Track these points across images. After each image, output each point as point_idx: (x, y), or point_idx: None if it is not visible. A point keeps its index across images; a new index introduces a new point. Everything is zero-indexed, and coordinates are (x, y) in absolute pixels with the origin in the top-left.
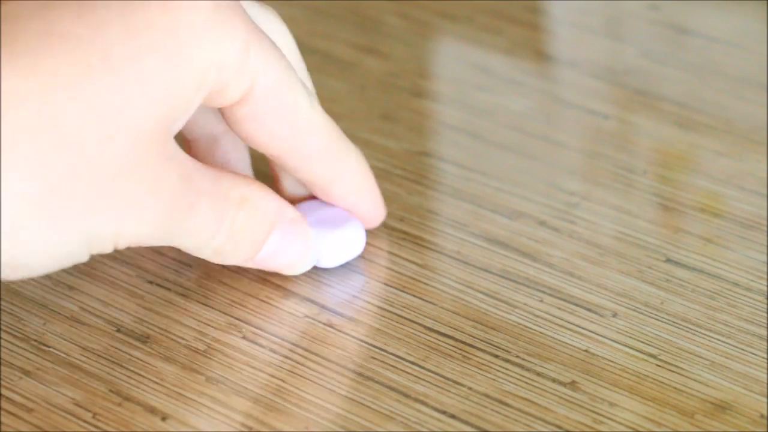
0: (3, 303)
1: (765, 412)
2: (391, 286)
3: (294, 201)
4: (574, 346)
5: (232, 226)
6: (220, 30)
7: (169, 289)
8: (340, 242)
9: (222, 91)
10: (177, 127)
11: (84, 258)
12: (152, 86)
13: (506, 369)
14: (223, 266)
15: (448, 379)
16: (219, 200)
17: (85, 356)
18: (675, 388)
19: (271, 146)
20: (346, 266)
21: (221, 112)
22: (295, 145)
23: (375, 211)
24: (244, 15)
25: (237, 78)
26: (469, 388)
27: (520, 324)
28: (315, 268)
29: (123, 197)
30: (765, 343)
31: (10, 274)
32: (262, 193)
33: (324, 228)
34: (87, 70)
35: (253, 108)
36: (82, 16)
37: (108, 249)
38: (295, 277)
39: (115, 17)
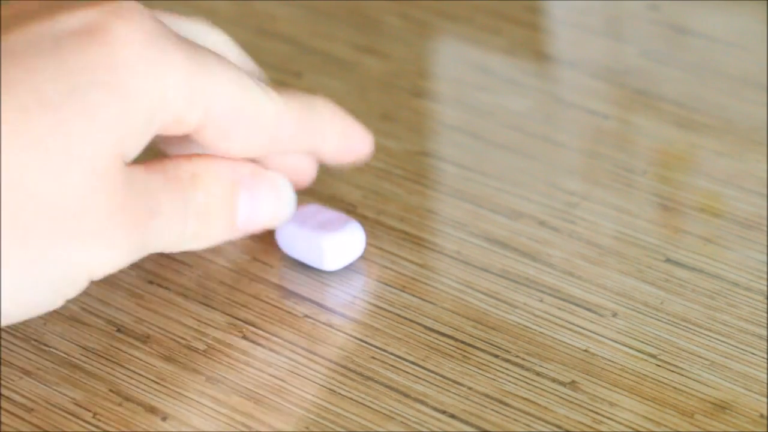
0: None
1: (765, 412)
2: (391, 286)
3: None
4: (574, 346)
5: (196, 207)
6: (158, 66)
7: (169, 289)
8: (342, 244)
9: (177, 122)
10: (132, 156)
11: (58, 304)
12: (99, 120)
13: (506, 369)
14: (223, 266)
15: (448, 379)
16: (173, 189)
17: (85, 356)
18: (675, 388)
19: (246, 154)
20: (346, 266)
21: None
22: (268, 144)
23: (362, 140)
24: (179, 41)
25: (189, 108)
26: (469, 388)
27: (520, 324)
28: (315, 268)
29: (84, 231)
30: (765, 343)
31: (7, 320)
32: (208, 162)
33: (325, 231)
34: (24, 112)
35: (216, 130)
36: (15, 59)
37: (82, 286)
38: (295, 277)
39: (48, 57)
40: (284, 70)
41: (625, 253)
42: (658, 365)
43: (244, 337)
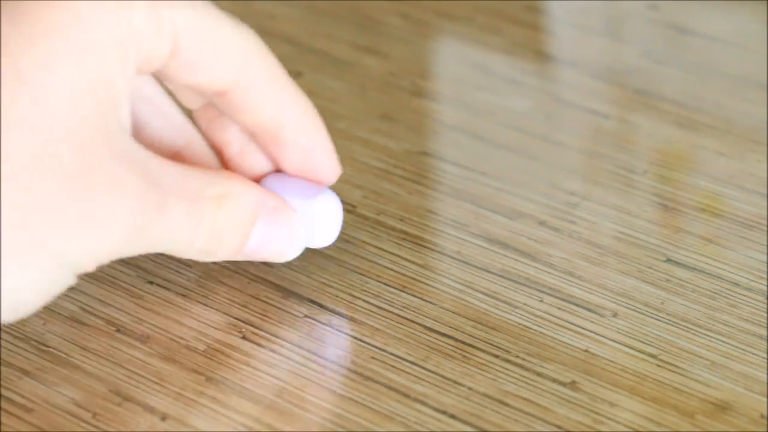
0: None
1: (765, 412)
2: (391, 286)
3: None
4: (575, 346)
5: (213, 224)
6: (117, 4)
7: (169, 289)
8: (323, 213)
9: (149, 58)
10: (124, 118)
11: (71, 281)
12: (72, 82)
13: (506, 369)
14: (223, 266)
15: (448, 379)
16: (193, 200)
17: (85, 356)
18: (675, 388)
19: (214, 84)
20: (345, 266)
21: (159, 77)
22: (238, 76)
23: (329, 160)
24: None
25: (158, 38)
26: (469, 388)
27: (521, 324)
28: (315, 268)
29: (85, 209)
30: (765, 343)
31: (9, 317)
32: (241, 187)
33: (301, 199)
34: (3, 89)
35: (186, 56)
36: None
37: (90, 266)
38: (295, 277)
39: (10, 29)
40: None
41: (626, 253)
42: (659, 365)
43: (244, 338)
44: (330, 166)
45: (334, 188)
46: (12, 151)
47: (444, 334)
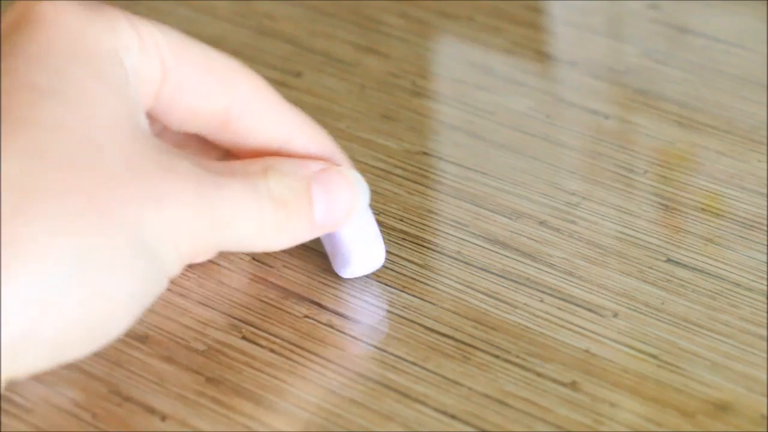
0: None
1: (766, 413)
2: (391, 286)
3: None
4: (575, 347)
5: (270, 194)
6: (100, 19)
7: (169, 289)
8: (366, 259)
9: (142, 75)
10: (144, 124)
11: (164, 282)
12: (89, 84)
13: (507, 369)
14: (223, 266)
15: (449, 379)
16: (243, 176)
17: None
18: (676, 388)
19: (211, 106)
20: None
21: (157, 116)
22: (232, 94)
23: (342, 161)
24: (108, 5)
25: (145, 54)
26: (470, 389)
27: (521, 324)
28: (315, 268)
29: (146, 187)
30: (766, 344)
31: (99, 340)
32: (278, 158)
33: (355, 242)
34: (32, 109)
35: (176, 77)
36: None
37: (174, 260)
38: (295, 277)
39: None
40: (284, 69)
41: (626, 253)
42: (659, 366)
43: (244, 338)
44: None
45: None
46: (52, 150)
47: (444, 335)
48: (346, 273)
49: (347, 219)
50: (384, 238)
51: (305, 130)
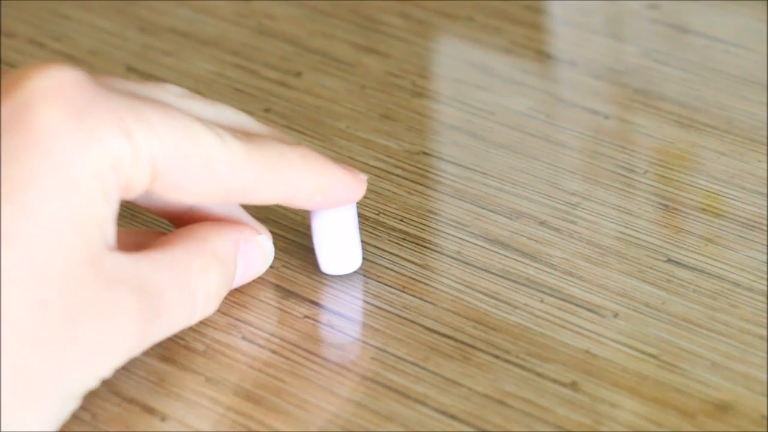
0: None
1: (766, 413)
2: (391, 286)
3: None
4: (575, 347)
5: (207, 291)
6: (90, 133)
7: None
8: (341, 254)
9: (130, 185)
10: (109, 237)
11: (78, 403)
12: (52, 227)
13: (507, 369)
14: None
15: (449, 379)
16: (184, 283)
17: None
18: (676, 388)
19: (205, 202)
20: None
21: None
22: (225, 193)
23: (350, 188)
24: (107, 99)
25: (136, 164)
26: (470, 389)
27: (521, 324)
28: (315, 268)
29: (83, 339)
30: (766, 344)
31: None
32: (219, 242)
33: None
34: None
35: (166, 181)
36: None
37: (95, 385)
38: (295, 277)
39: None
40: (284, 69)
41: (626, 254)
42: (659, 366)
43: (244, 338)
44: (351, 193)
45: None
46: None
47: (444, 335)
48: (323, 268)
49: (254, 278)
50: (384, 238)
51: (305, 181)
